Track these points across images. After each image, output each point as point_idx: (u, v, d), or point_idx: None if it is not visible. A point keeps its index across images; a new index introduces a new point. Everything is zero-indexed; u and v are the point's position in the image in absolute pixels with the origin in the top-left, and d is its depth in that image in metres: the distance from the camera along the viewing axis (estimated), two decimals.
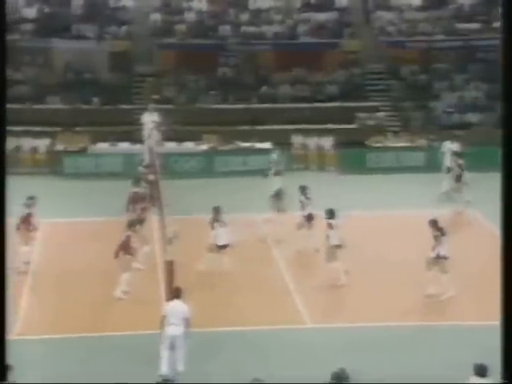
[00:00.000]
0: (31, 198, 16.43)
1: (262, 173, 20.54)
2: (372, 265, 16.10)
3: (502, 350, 7.83)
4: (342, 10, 30.31)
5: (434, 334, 13.46)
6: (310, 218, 16.80)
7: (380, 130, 26.47)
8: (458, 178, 20.27)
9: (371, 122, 26.99)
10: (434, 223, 14.74)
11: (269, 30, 29.77)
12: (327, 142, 25.37)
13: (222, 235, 15.88)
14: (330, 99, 27.67)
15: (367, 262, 16.16)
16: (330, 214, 15.48)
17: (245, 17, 30.27)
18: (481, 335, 12.89)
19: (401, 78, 28.64)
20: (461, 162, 20.59)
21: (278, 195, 18.44)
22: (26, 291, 15.12)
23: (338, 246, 15.16)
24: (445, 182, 21.12)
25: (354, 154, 25.16)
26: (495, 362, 8.62)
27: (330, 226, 15.24)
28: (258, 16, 30.33)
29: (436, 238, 14.55)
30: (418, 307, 14.58)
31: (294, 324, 13.87)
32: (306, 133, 25.59)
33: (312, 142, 25.42)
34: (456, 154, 21.32)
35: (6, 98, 7.40)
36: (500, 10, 24.98)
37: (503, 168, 7.95)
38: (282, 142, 25.32)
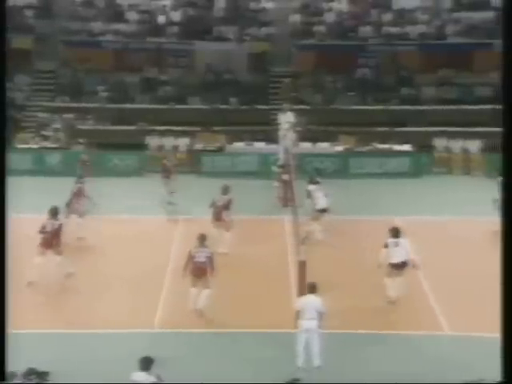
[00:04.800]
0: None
1: (400, 175, 19.89)
2: None
3: (501, 349, 7.45)
4: (498, 10, 28.80)
5: None
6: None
7: None
8: None
9: None
10: None
11: (413, 30, 29.16)
12: (474, 146, 24.55)
13: None
14: (481, 102, 26.51)
15: None
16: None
17: (388, 17, 29.86)
18: None
19: None
20: None
21: None
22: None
23: None
24: None
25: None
26: None
27: None
28: (403, 16, 29.84)
29: None
30: None
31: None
32: (451, 136, 24.94)
33: (457, 145, 24.80)
34: None
35: (5, 101, 8.20)
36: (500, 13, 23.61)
37: (503, 170, 8.01)
38: (422, 144, 24.55)
